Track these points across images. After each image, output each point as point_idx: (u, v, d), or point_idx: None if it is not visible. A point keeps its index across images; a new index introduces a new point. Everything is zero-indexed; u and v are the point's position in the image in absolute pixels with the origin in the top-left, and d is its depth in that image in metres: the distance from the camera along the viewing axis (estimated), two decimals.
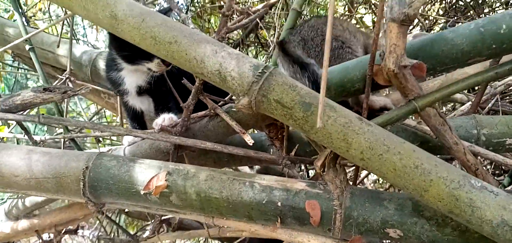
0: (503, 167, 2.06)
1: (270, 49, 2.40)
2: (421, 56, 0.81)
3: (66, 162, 1.00)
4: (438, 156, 1.15)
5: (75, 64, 1.66)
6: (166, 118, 1.08)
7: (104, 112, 2.54)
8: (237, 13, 2.39)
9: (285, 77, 0.82)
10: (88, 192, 0.97)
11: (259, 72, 0.81)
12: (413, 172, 0.74)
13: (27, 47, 1.21)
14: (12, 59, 1.93)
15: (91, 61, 1.62)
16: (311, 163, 1.02)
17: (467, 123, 1.11)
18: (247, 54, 3.35)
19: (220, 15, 0.91)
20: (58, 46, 1.54)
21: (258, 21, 2.25)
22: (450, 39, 0.80)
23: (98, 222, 1.99)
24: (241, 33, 3.07)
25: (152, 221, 1.54)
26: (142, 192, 0.95)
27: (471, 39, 0.78)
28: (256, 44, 3.25)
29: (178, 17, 1.07)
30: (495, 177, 2.08)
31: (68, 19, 1.59)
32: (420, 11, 3.26)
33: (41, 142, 1.21)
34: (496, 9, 2.95)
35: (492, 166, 2.16)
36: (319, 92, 0.71)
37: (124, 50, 1.15)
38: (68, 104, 1.37)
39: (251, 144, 0.94)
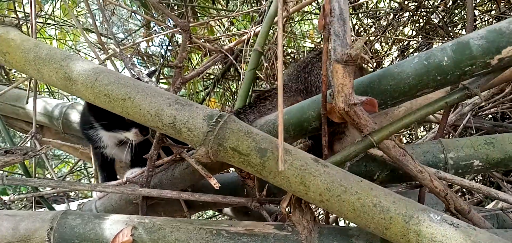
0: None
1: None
2: (371, 92, 0.82)
3: (31, 224, 0.98)
4: (413, 182, 1.17)
5: (46, 117, 1.65)
6: (134, 172, 1.07)
7: (83, 163, 2.52)
8: (213, 52, 2.42)
9: (240, 123, 0.82)
10: None
11: (213, 122, 0.81)
12: (372, 210, 0.73)
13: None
14: None
15: (62, 114, 1.61)
16: (278, 202, 1.01)
17: (434, 148, 1.11)
18: (229, 88, 3.39)
19: (174, 68, 0.91)
20: (26, 102, 1.53)
21: (232, 59, 2.28)
22: (396, 74, 0.81)
23: None
24: (221, 69, 3.10)
25: None
26: None
27: (416, 73, 0.79)
28: (236, 78, 3.28)
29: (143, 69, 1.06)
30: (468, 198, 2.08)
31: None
32: (394, 34, 3.35)
33: (10, 203, 1.19)
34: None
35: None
36: None
37: (101, 119, 1.13)
38: (35, 162, 1.35)
39: (217, 188, 0.94)
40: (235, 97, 3.36)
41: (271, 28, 1.43)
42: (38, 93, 1.63)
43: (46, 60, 0.91)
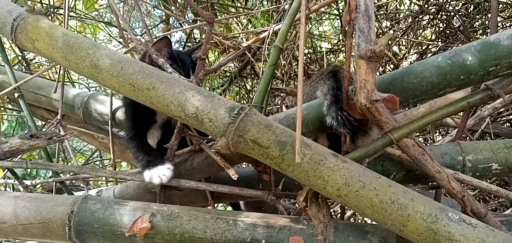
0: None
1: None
2: (393, 90, 0.83)
3: (52, 207, 1.01)
4: (429, 184, 1.16)
5: (68, 106, 1.68)
6: None
7: (100, 154, 2.56)
8: (231, 49, 2.44)
9: (261, 116, 0.83)
10: (73, 236, 0.97)
11: (235, 114, 0.82)
12: (390, 207, 0.74)
13: (16, 94, 1.24)
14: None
15: (83, 103, 1.65)
16: (295, 196, 1.02)
17: (452, 150, 1.10)
18: (244, 85, 3.40)
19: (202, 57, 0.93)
20: (55, 91, 1.57)
21: (250, 56, 2.29)
22: (419, 72, 0.81)
23: None
24: (237, 66, 3.13)
25: None
26: (127, 234, 0.95)
27: (439, 72, 0.80)
28: (252, 76, 3.30)
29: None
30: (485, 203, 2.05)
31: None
32: (414, 37, 3.32)
33: (33, 187, 1.22)
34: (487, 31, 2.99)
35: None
36: None
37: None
38: (58, 148, 1.39)
39: (235, 179, 0.95)
40: (251, 95, 3.38)
41: (291, 26, 1.44)
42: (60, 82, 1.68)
43: (73, 48, 0.94)
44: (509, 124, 2.15)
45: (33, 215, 0.99)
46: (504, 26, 3.00)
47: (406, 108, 1.30)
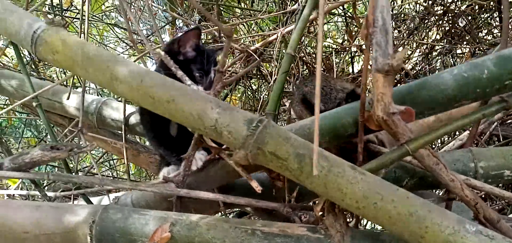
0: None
1: (271, 81, 2.45)
2: (409, 101, 0.84)
3: (73, 217, 1.03)
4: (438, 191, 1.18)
5: (82, 112, 1.71)
6: (170, 170, 1.10)
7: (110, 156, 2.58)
8: (237, 51, 2.46)
9: (279, 129, 0.85)
10: None
11: (253, 126, 0.84)
12: (408, 219, 0.75)
13: (34, 103, 1.26)
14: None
15: (96, 109, 1.67)
16: (311, 208, 1.03)
17: (464, 157, 1.12)
18: (250, 86, 3.42)
19: (217, 71, 0.95)
20: (68, 98, 1.59)
21: (256, 57, 2.31)
22: (435, 85, 0.83)
23: None
24: (244, 67, 3.14)
25: None
26: None
27: (455, 85, 0.81)
28: (258, 77, 3.32)
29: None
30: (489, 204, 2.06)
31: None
32: (419, 38, 3.32)
33: (55, 198, 1.24)
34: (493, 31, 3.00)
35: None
36: None
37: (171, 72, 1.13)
38: (77, 159, 1.41)
39: (259, 191, 0.97)
40: (256, 95, 3.40)
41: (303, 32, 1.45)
42: (74, 88, 1.71)
43: (93, 61, 0.96)
44: None
45: (55, 225, 1.01)
46: None
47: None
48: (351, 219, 1.19)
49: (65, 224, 1.02)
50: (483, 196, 2.11)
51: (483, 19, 3.10)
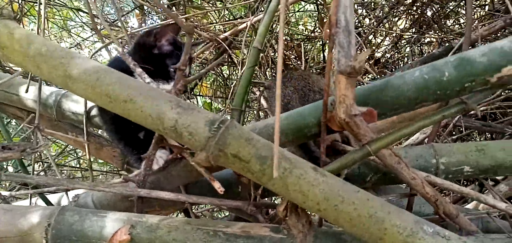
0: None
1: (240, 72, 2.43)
2: (371, 103, 0.84)
3: (28, 220, 0.98)
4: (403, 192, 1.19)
5: (41, 105, 1.63)
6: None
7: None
8: (206, 39, 2.41)
9: (241, 130, 0.83)
10: None
11: (215, 127, 0.81)
12: (368, 221, 0.75)
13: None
14: None
15: (56, 102, 1.60)
16: (275, 206, 1.03)
17: (426, 153, 1.14)
18: (221, 73, 3.38)
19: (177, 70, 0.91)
20: (26, 91, 1.51)
21: (226, 46, 2.28)
22: (397, 86, 0.83)
23: None
24: (214, 55, 3.09)
25: None
26: None
27: (416, 87, 0.81)
28: (229, 63, 3.28)
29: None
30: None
31: None
32: (389, 26, 3.37)
33: (11, 198, 1.18)
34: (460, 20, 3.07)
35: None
36: None
37: (147, 63, 1.11)
38: (34, 159, 1.34)
39: (221, 192, 0.95)
40: (227, 83, 3.36)
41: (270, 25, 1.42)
42: (33, 80, 1.62)
43: (46, 57, 0.90)
44: (480, 117, 2.23)
45: (8, 229, 0.96)
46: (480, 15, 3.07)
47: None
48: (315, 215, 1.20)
49: (19, 228, 0.97)
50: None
51: (450, 9, 3.17)
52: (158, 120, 0.84)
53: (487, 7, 2.93)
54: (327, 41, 0.76)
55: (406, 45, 3.54)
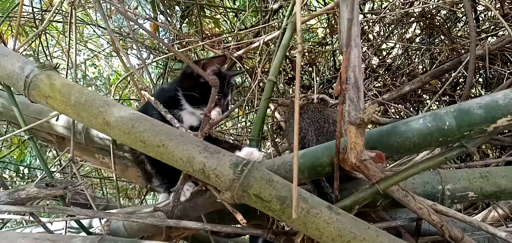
0: None
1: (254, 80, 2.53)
2: (380, 146, 0.93)
3: None
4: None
5: (69, 131, 1.74)
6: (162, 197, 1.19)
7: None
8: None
9: (263, 171, 0.92)
10: None
11: (239, 170, 0.91)
12: None
13: (26, 137, 1.31)
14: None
15: (84, 128, 1.71)
16: (293, 234, 1.12)
17: (433, 179, 1.21)
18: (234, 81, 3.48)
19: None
20: (57, 120, 1.63)
21: (236, 60, 2.38)
22: (403, 133, 0.91)
23: None
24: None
25: None
26: None
27: (420, 133, 0.90)
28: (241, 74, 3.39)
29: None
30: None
31: None
32: (398, 33, 3.44)
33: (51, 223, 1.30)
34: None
35: None
36: None
37: (191, 91, 1.22)
38: (71, 194, 1.46)
39: (243, 224, 1.04)
40: (239, 89, 3.46)
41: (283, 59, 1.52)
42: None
43: (86, 106, 1.01)
44: None
45: None
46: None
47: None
48: None
49: None
50: None
51: (458, 20, 3.23)
52: (188, 163, 0.94)
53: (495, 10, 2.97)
54: (339, 97, 0.85)
55: (417, 53, 3.61)
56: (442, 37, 3.27)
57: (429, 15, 3.17)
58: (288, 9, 1.90)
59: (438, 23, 3.14)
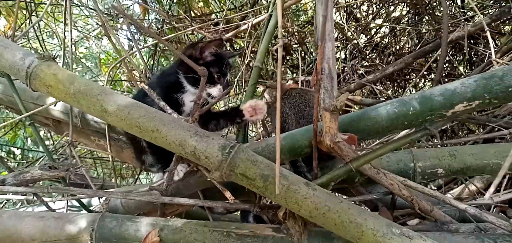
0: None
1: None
2: (352, 129, 1.03)
3: (74, 226, 1.20)
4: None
5: (66, 115, 1.83)
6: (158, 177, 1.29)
7: None
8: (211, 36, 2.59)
9: (247, 152, 1.03)
10: None
11: (226, 152, 1.01)
12: (349, 225, 0.96)
13: (28, 123, 1.39)
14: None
15: (80, 112, 1.79)
16: (276, 207, 1.23)
17: (406, 158, 1.33)
18: None
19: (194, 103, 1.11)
20: (55, 105, 1.71)
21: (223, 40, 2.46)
22: (373, 117, 1.02)
23: None
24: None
25: None
26: None
27: (388, 118, 1.00)
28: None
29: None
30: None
31: None
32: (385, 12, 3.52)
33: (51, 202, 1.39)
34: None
35: None
36: None
37: (193, 73, 1.24)
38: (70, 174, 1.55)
39: (231, 200, 1.15)
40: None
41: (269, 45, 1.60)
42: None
43: (84, 94, 1.10)
44: None
45: (59, 233, 1.18)
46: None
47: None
48: None
49: (67, 232, 1.19)
50: None
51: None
52: (180, 146, 1.04)
53: None
54: (314, 86, 0.95)
55: (404, 32, 3.71)
56: (427, 18, 3.37)
57: None
58: None
59: (423, 3, 3.23)
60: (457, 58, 3.35)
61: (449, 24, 3.07)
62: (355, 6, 3.75)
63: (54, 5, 3.19)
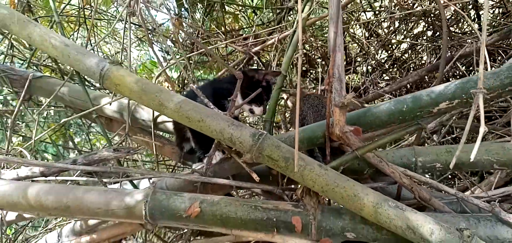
0: None
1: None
2: (358, 123, 1.28)
3: (132, 198, 1.48)
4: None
5: (118, 114, 2.14)
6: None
7: None
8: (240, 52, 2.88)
9: (273, 139, 1.29)
10: (148, 217, 1.45)
11: (256, 138, 1.28)
12: (353, 199, 1.20)
13: (94, 116, 1.70)
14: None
15: (131, 111, 2.11)
16: (294, 189, 1.48)
17: (408, 153, 1.55)
18: None
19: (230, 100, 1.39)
20: (110, 104, 2.02)
21: (257, 58, 2.74)
22: (374, 113, 1.27)
23: (138, 234, 2.49)
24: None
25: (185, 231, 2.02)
26: (184, 215, 1.43)
27: (387, 114, 1.25)
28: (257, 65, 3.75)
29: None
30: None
31: None
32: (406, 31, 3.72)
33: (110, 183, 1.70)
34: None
35: None
36: None
37: (247, 89, 1.56)
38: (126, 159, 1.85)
39: (257, 181, 1.41)
40: None
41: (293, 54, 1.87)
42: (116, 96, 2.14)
43: (146, 91, 1.39)
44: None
45: (119, 204, 1.47)
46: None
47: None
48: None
49: (126, 203, 1.47)
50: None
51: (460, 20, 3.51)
52: (220, 133, 1.32)
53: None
54: (326, 87, 1.21)
55: (422, 47, 3.91)
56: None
57: (431, 14, 3.46)
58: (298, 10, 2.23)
59: (439, 23, 3.43)
60: (470, 70, 3.51)
61: (459, 40, 3.27)
62: (376, 23, 3.98)
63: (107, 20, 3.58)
